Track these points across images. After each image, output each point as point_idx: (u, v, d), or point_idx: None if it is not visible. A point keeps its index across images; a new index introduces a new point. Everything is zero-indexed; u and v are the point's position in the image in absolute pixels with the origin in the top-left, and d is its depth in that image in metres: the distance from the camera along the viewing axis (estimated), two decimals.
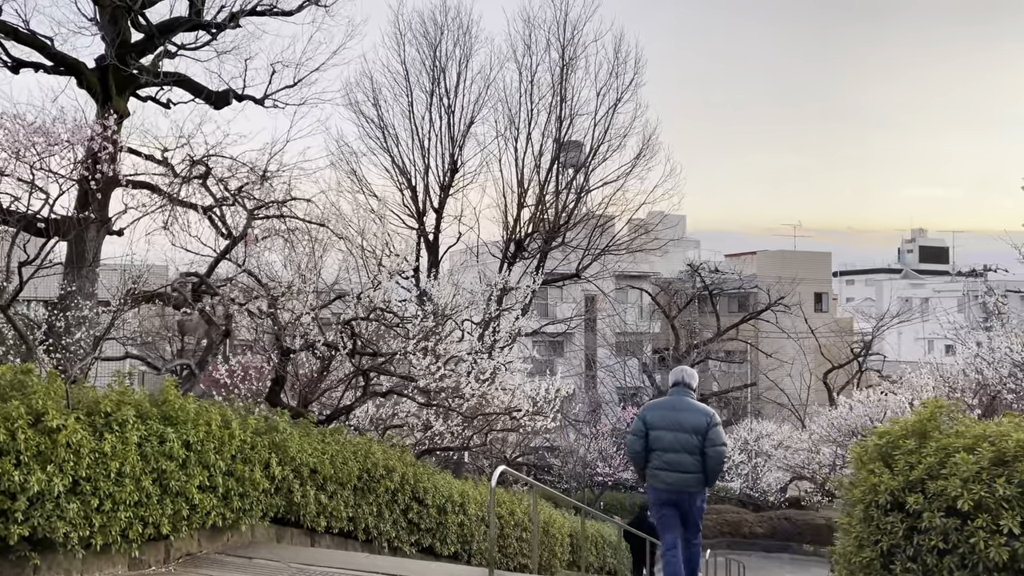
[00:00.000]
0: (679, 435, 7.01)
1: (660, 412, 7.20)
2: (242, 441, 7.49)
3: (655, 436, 7.11)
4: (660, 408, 7.27)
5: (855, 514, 5.59)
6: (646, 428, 7.17)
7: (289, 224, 8.88)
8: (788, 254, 49.42)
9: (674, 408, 7.17)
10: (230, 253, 8.56)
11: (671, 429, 7.05)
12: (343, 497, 8.99)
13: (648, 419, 7.20)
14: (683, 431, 7.02)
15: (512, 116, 25.82)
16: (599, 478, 22.99)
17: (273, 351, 10.05)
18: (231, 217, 8.63)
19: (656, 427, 7.11)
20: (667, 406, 7.25)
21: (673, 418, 7.09)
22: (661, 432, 7.08)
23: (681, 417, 7.08)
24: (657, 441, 7.08)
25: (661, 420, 7.13)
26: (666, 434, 7.05)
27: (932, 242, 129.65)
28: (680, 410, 7.14)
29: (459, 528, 11.40)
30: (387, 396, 10.49)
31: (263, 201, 8.59)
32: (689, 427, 7.03)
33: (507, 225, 24.93)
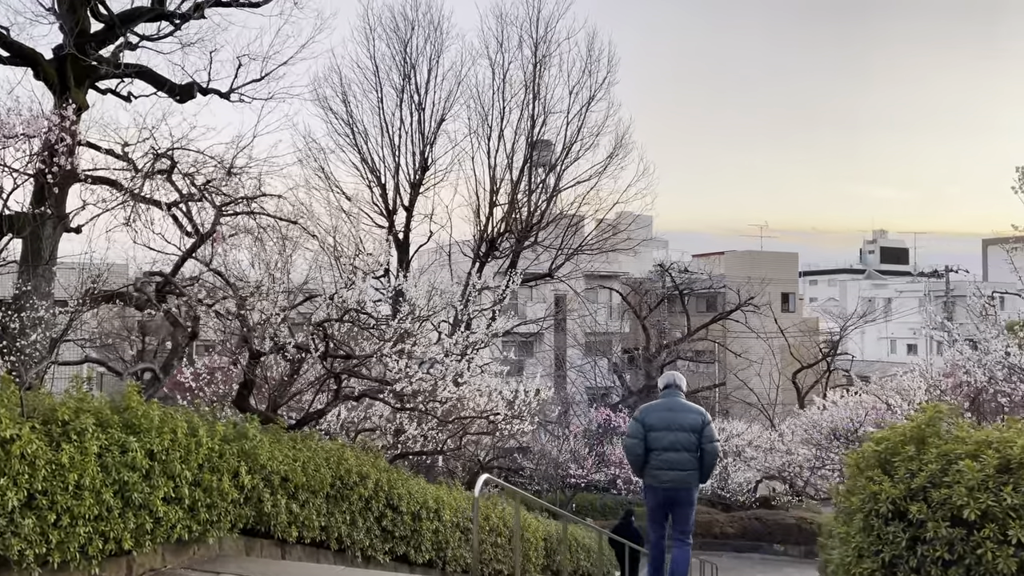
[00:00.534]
0: (678, 434, 7.31)
1: (658, 414, 7.47)
2: (210, 449, 7.13)
3: (654, 436, 7.38)
4: (657, 410, 7.52)
5: (854, 523, 5.40)
6: (644, 430, 7.43)
7: (259, 221, 8.51)
8: (756, 254, 49.76)
9: (670, 409, 7.46)
10: (196, 251, 8.17)
11: (670, 429, 7.35)
12: (315, 506, 8.65)
13: (647, 421, 7.46)
14: (681, 430, 7.33)
15: (484, 114, 25.58)
16: (571, 479, 22.81)
17: (241, 353, 9.67)
18: (198, 214, 8.24)
19: (655, 428, 7.39)
20: (663, 407, 7.52)
21: (671, 418, 7.38)
22: (660, 432, 7.36)
23: (678, 417, 7.39)
24: (656, 441, 7.35)
25: (659, 421, 7.41)
26: (665, 434, 7.34)
27: (893, 243, 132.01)
28: (676, 410, 7.45)
29: (433, 535, 11.11)
30: (359, 400, 10.17)
31: (232, 197, 8.22)
32: (687, 426, 7.35)
33: (479, 224, 24.64)
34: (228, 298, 8.26)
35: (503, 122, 25.26)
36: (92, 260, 9.66)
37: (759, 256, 49.35)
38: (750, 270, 42.80)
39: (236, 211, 8.23)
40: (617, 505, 29.14)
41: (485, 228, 24.49)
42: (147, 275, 7.91)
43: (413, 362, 9.49)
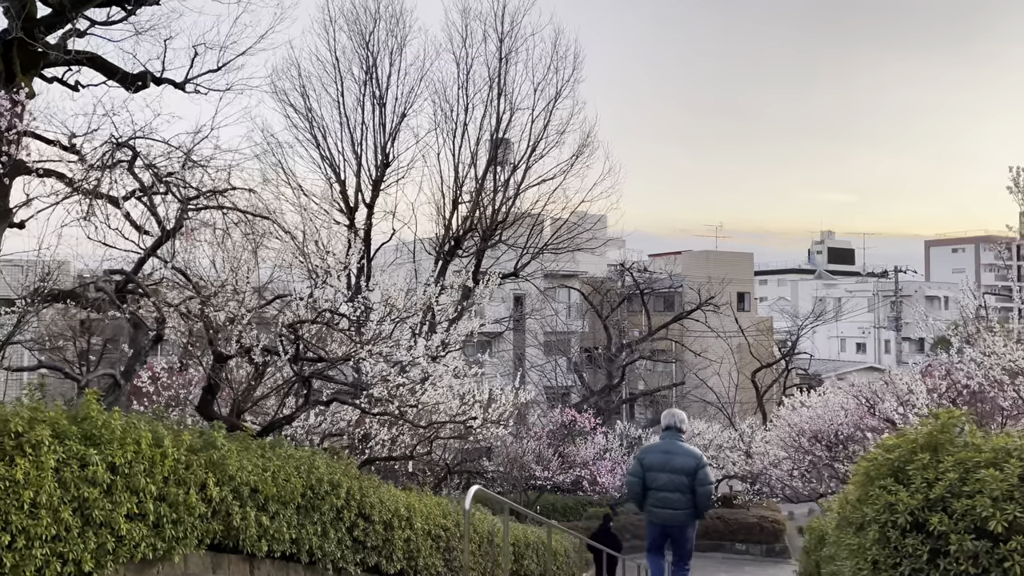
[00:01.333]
0: (672, 476, 7.90)
1: (655, 456, 8.10)
2: (175, 461, 6.66)
3: (651, 476, 8.02)
4: (655, 452, 8.16)
5: (869, 534, 5.18)
6: (643, 469, 8.08)
7: (228, 216, 8.02)
8: (713, 254, 50.15)
9: (667, 452, 8.06)
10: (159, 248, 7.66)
11: (665, 470, 7.97)
12: (286, 517, 8.20)
13: (645, 461, 8.11)
14: (675, 472, 7.91)
15: (449, 110, 25.12)
16: (537, 482, 22.55)
17: (204, 356, 9.16)
18: (164, 208, 7.72)
19: (652, 468, 8.01)
20: (661, 449, 8.13)
21: (666, 460, 8.00)
22: (656, 473, 7.99)
23: (673, 460, 7.98)
24: (653, 481, 7.98)
25: (657, 462, 8.04)
26: (660, 475, 7.96)
27: (839, 244, 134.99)
28: (673, 453, 8.04)
29: (405, 544, 10.71)
30: (329, 404, 9.73)
31: (200, 190, 7.71)
32: (680, 469, 7.94)
33: (444, 222, 24.20)
34: (193, 298, 7.76)
35: (467, 118, 24.90)
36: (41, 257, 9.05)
37: (716, 256, 49.76)
38: (706, 270, 43.09)
39: (204, 205, 7.73)
40: (579, 505, 29.01)
41: (448, 226, 24.04)
42: (107, 273, 7.37)
43: (390, 365, 9.08)
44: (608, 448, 24.54)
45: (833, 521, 6.89)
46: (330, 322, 8.47)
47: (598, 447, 23.83)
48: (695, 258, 48.05)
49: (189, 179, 7.70)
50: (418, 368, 9.32)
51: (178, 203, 7.47)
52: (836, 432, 11.86)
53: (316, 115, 24.26)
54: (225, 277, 8.97)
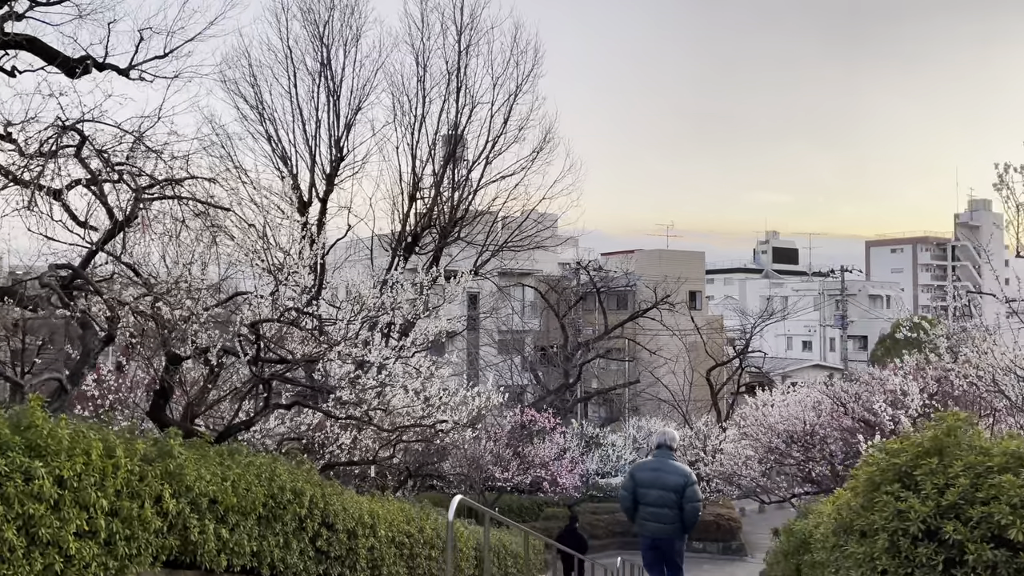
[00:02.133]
0: (662, 493, 8.28)
1: (646, 473, 8.51)
2: (129, 472, 6.14)
3: (642, 492, 8.43)
4: (646, 469, 8.57)
5: (878, 543, 4.96)
6: (635, 485, 8.49)
7: (186, 208, 7.47)
8: (665, 253, 50.44)
9: (658, 469, 8.45)
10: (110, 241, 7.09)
11: (655, 488, 8.36)
12: (246, 529, 7.71)
13: (637, 478, 8.53)
14: (665, 489, 8.29)
15: (407, 104, 24.55)
16: (497, 483, 22.19)
17: (156, 358, 8.60)
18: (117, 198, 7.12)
19: (643, 485, 8.42)
20: (652, 467, 8.54)
21: (656, 477, 8.39)
22: (647, 489, 8.40)
23: (663, 477, 8.36)
24: (644, 496, 8.39)
25: (647, 479, 8.45)
26: (651, 491, 8.37)
27: (784, 244, 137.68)
28: (663, 471, 8.41)
29: (369, 553, 10.27)
30: (291, 408, 9.24)
31: (155, 178, 7.16)
32: (670, 486, 8.30)
33: (400, 217, 23.65)
34: (146, 295, 7.21)
35: (425, 112, 24.36)
36: None
37: (669, 255, 50.05)
38: (659, 268, 43.28)
39: (160, 195, 7.18)
40: (535, 506, 28.78)
41: (405, 222, 23.50)
42: (52, 268, 6.80)
43: (357, 367, 8.64)
44: (566, 448, 24.34)
45: (824, 525, 6.69)
46: (296, 322, 8.00)
47: (557, 447, 23.60)
48: (648, 257, 48.23)
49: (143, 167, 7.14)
50: (385, 370, 8.89)
51: (131, 192, 6.92)
52: (812, 432, 11.80)
53: (267, 107, 23.51)
54: (179, 273, 8.42)
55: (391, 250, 22.94)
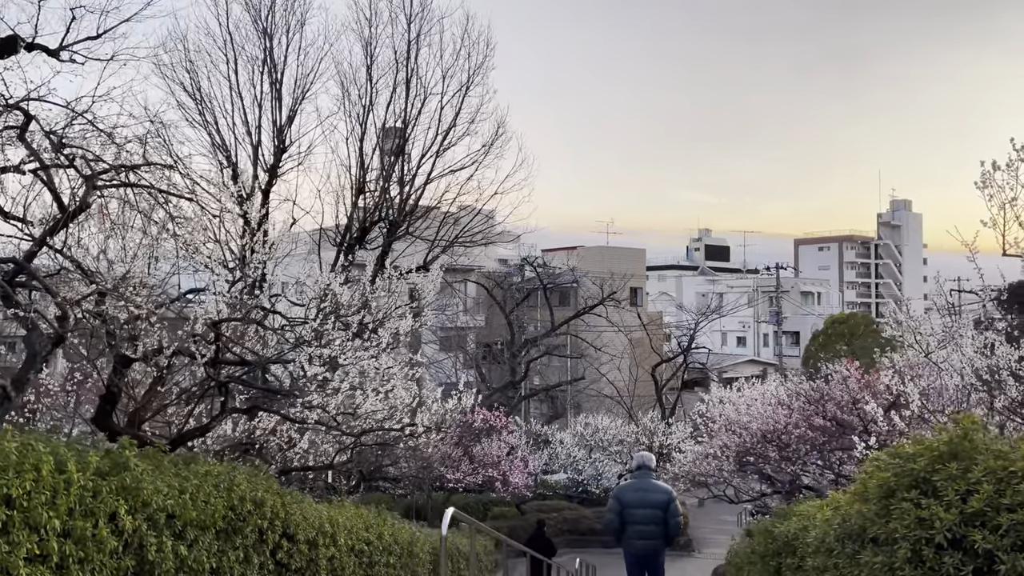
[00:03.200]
0: (648, 511, 8.96)
1: (632, 494, 9.12)
2: (82, 488, 5.57)
3: (629, 513, 9.07)
4: (632, 491, 9.16)
5: (899, 553, 4.76)
6: (621, 506, 9.13)
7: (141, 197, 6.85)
8: (607, 250, 50.61)
9: (642, 489, 9.10)
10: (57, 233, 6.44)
11: (642, 506, 9.00)
12: (205, 544, 7.16)
13: (624, 499, 9.15)
14: (650, 507, 8.97)
15: (355, 93, 23.78)
16: (448, 483, 21.78)
17: (99, 360, 7.96)
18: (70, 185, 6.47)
19: (630, 506, 9.05)
20: (637, 488, 9.16)
21: (642, 497, 9.02)
22: (634, 510, 9.03)
23: (648, 496, 9.03)
24: (631, 516, 9.03)
25: (634, 500, 9.06)
26: (638, 511, 9.00)
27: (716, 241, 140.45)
28: (647, 491, 9.09)
29: (329, 563, 9.78)
30: (249, 412, 8.67)
31: (111, 164, 6.52)
32: (655, 504, 9.01)
33: (347, 211, 22.93)
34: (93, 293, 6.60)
35: (372, 102, 23.66)
36: None
37: (611, 251, 50.22)
38: (601, 265, 43.35)
39: (118, 182, 6.54)
40: (480, 505, 28.45)
41: (351, 216, 22.77)
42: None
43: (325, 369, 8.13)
44: (515, 446, 24.10)
45: (819, 529, 6.51)
46: (262, 321, 7.47)
47: (507, 446, 23.32)
48: (591, 253, 48.25)
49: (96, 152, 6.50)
50: (355, 371, 8.42)
51: (81, 179, 6.29)
52: (787, 431, 11.78)
53: (206, 94, 22.50)
54: (127, 268, 7.80)
55: (336, 246, 22.24)
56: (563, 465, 28.92)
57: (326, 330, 7.72)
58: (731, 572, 12.65)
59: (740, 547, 11.44)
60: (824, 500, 7.40)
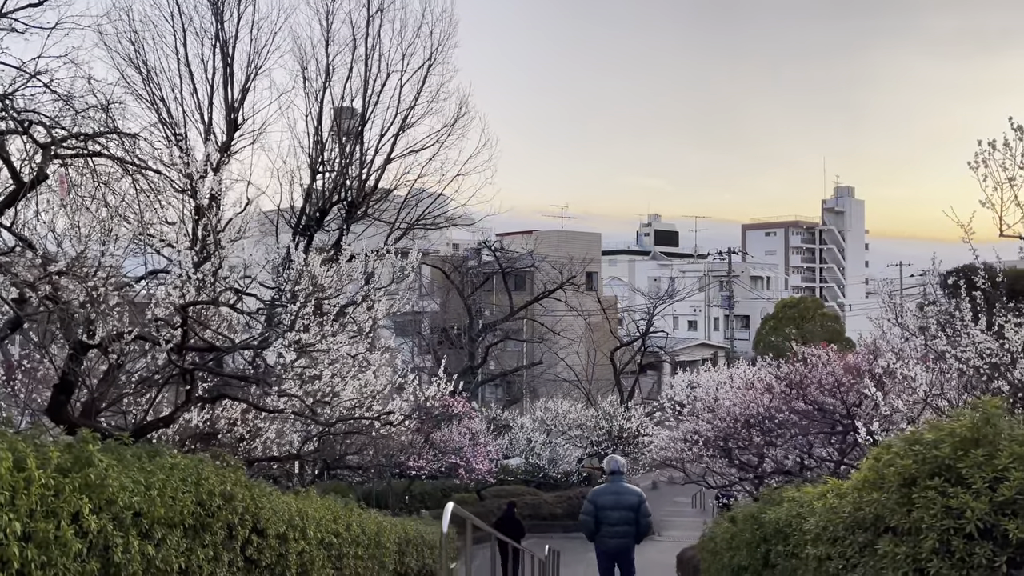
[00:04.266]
0: (621, 513, 9.56)
1: (607, 497, 9.67)
2: (43, 487, 5.10)
3: (604, 514, 9.63)
4: (606, 494, 9.71)
5: (926, 544, 4.58)
6: (596, 509, 9.66)
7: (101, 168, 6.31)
8: (564, 234, 50.44)
9: (616, 492, 9.67)
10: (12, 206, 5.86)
11: (616, 508, 9.59)
12: (173, 543, 6.70)
13: (599, 503, 9.69)
14: (624, 509, 9.58)
15: (313, 69, 22.95)
16: (410, 471, 21.42)
17: (52, 346, 7.40)
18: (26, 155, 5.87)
19: (605, 508, 9.61)
20: (611, 491, 9.72)
21: (616, 500, 9.60)
22: (609, 511, 9.62)
23: (622, 499, 9.62)
24: (606, 518, 9.60)
25: (608, 502, 9.64)
26: (612, 513, 9.60)
27: (665, 227, 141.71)
28: (621, 493, 9.67)
29: (299, 557, 9.35)
30: (216, 401, 8.18)
31: (71, 132, 5.95)
32: (628, 506, 9.62)
33: (304, 193, 22.16)
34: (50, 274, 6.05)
35: (330, 80, 22.87)
36: None
37: (567, 236, 50.06)
38: (557, 249, 43.14)
39: (81, 152, 5.97)
40: (438, 491, 28.14)
41: (308, 197, 22.03)
42: None
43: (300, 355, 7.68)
44: (477, 432, 23.82)
45: (819, 518, 6.34)
46: (235, 305, 6.99)
47: (470, 432, 23.03)
48: (546, 237, 47.97)
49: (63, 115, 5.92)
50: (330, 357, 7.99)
51: (39, 148, 5.72)
52: (770, 416, 11.68)
53: (153, 68, 21.46)
54: (82, 247, 7.24)
55: (293, 228, 21.52)
56: (522, 450, 28.77)
57: (306, 314, 7.28)
58: (706, 558, 12.56)
59: (717, 532, 11.33)
60: (820, 486, 7.24)
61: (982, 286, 7.67)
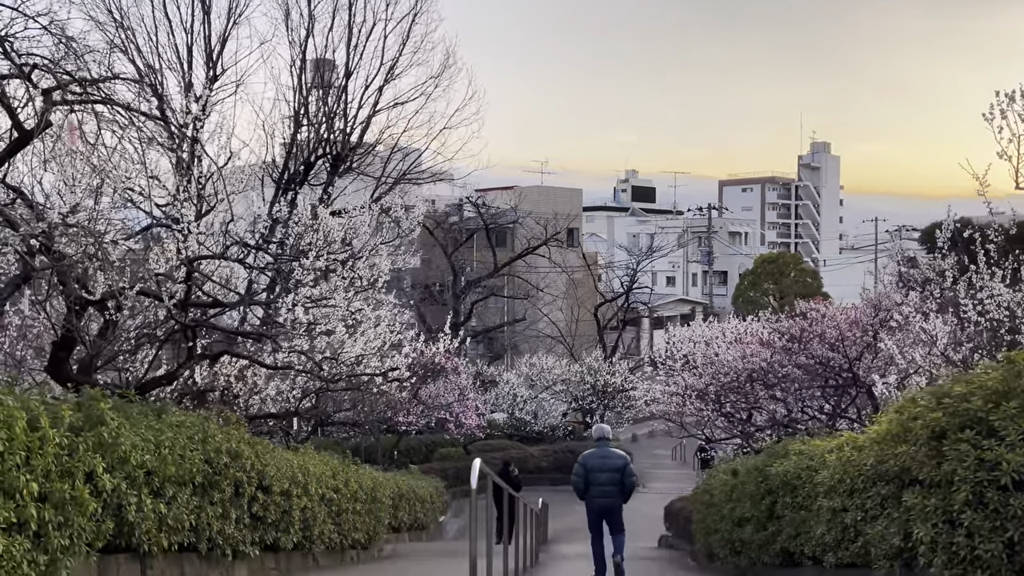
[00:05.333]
0: (609, 474, 10.27)
1: (595, 460, 10.38)
2: (57, 447, 4.97)
3: (593, 476, 10.28)
4: (595, 457, 10.43)
5: (959, 496, 4.59)
6: (586, 471, 10.33)
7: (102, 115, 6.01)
8: (545, 190, 50.07)
9: (604, 456, 10.41)
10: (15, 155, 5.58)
11: (604, 471, 10.28)
12: (184, 501, 6.63)
13: (588, 465, 10.36)
14: (611, 471, 10.29)
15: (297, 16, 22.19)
16: (400, 426, 21.41)
17: (51, 301, 7.18)
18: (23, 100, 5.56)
19: (594, 470, 10.29)
20: (599, 455, 10.44)
21: (604, 463, 10.33)
22: (597, 473, 10.27)
23: (609, 462, 10.36)
24: (595, 479, 10.26)
25: (597, 465, 10.33)
26: (600, 474, 10.27)
27: (642, 183, 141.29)
28: (608, 457, 10.42)
29: (302, 513, 9.34)
30: (217, 358, 8.02)
31: (73, 76, 5.63)
32: (615, 468, 10.34)
33: (286, 145, 21.65)
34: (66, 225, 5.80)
35: (312, 29, 22.19)
36: None
37: (548, 191, 49.72)
38: (539, 205, 42.83)
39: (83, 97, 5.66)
40: (423, 446, 28.24)
41: (290, 150, 21.56)
42: None
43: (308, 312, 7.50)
44: (465, 387, 23.85)
45: (832, 470, 6.37)
46: (242, 259, 6.79)
47: (458, 388, 23.04)
48: (528, 193, 47.48)
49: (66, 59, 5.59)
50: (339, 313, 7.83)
51: (41, 94, 5.42)
52: (772, 370, 11.73)
53: (127, 13, 20.65)
54: (76, 200, 7.00)
55: (276, 182, 21.10)
56: (508, 405, 28.90)
57: (318, 268, 7.09)
58: (699, 510, 12.72)
59: (714, 484, 11.44)
60: (831, 439, 7.26)
61: (995, 239, 7.67)
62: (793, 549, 7.66)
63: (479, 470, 6.19)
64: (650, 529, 21.20)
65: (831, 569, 6.57)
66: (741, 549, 9.62)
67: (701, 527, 12.81)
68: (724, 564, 11.03)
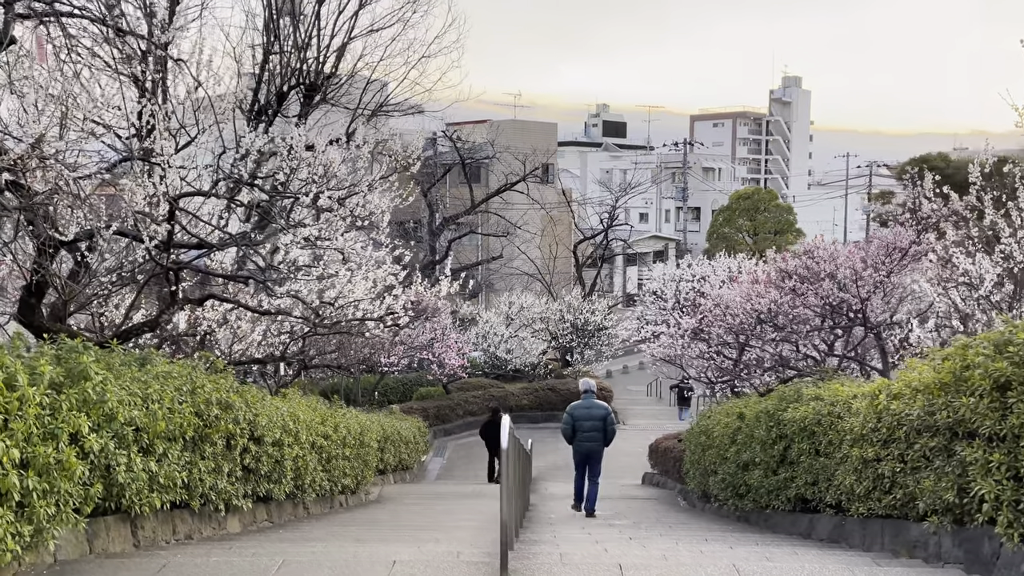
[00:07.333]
0: (593, 423, 11.67)
1: (581, 410, 11.73)
2: (39, 407, 4.48)
3: (579, 424, 11.71)
4: (581, 408, 11.77)
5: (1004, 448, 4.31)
6: (573, 420, 11.75)
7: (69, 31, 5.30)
8: (519, 124, 48.97)
9: (588, 407, 11.75)
10: None
11: (588, 419, 11.67)
12: (174, 457, 6.18)
13: (575, 415, 11.76)
14: (594, 420, 11.68)
15: None
16: (381, 367, 21.00)
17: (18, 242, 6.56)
18: None
19: (580, 419, 11.70)
20: (585, 406, 11.78)
21: (588, 413, 11.69)
22: (582, 422, 11.69)
23: (592, 411, 11.72)
24: (581, 427, 11.69)
25: (582, 415, 11.69)
26: (585, 423, 11.67)
27: (614, 118, 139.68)
28: (592, 407, 11.76)
29: (294, 463, 8.95)
30: (203, 303, 7.45)
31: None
32: (597, 417, 11.71)
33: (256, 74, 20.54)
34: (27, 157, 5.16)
35: None
36: None
37: (523, 126, 48.65)
38: (514, 140, 41.85)
39: (50, 11, 4.94)
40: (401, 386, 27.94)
41: (260, 79, 20.51)
42: None
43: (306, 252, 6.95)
44: (444, 327, 23.45)
45: (864, 418, 6.07)
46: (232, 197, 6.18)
47: (439, 328, 22.63)
48: (503, 127, 46.40)
49: None
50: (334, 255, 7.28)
51: (2, 5, 4.71)
52: (782, 311, 11.40)
53: None
54: (40, 129, 6.33)
55: (245, 113, 20.11)
56: (488, 344, 28.63)
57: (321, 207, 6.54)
58: (693, 450, 12.59)
59: (713, 427, 11.25)
60: (857, 385, 6.97)
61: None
62: (811, 496, 7.44)
63: (508, 431, 5.85)
64: (632, 467, 21.26)
65: (858, 518, 6.34)
66: (745, 493, 9.43)
67: (696, 468, 12.68)
68: (723, 507, 10.90)
